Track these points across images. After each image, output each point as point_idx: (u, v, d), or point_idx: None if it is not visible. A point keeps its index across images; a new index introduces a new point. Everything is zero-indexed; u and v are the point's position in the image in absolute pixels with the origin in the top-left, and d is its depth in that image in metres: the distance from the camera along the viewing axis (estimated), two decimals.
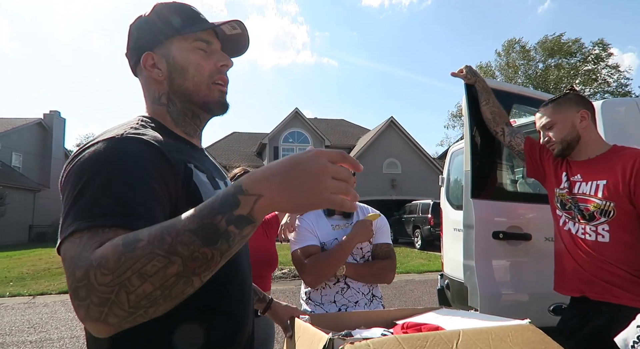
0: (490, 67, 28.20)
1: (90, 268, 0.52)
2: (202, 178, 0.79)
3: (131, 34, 0.86)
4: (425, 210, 13.49)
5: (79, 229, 0.58)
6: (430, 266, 9.24)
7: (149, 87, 0.86)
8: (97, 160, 0.65)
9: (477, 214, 1.96)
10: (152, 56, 0.83)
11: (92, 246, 0.55)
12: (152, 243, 0.52)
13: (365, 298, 1.79)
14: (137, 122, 0.79)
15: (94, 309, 0.51)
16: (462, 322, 1.17)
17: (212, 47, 0.87)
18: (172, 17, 0.84)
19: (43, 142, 24.26)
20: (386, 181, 20.45)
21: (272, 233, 2.06)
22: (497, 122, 1.98)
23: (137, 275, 0.51)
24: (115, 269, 0.51)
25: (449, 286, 3.54)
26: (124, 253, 0.52)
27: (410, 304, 5.81)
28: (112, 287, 0.51)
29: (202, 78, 0.84)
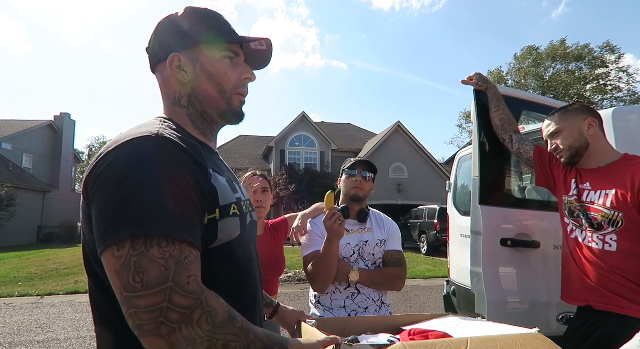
0: (501, 72, 28.08)
1: (199, 307, 0.61)
2: (221, 182, 0.80)
3: (158, 31, 0.87)
4: (431, 215, 13.42)
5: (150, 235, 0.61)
6: (436, 272, 9.18)
7: (169, 87, 0.87)
8: (140, 160, 0.65)
9: (484, 220, 1.95)
10: (179, 57, 0.83)
11: (189, 278, 0.62)
12: (242, 330, 0.66)
13: (375, 304, 1.79)
14: (160, 123, 0.78)
15: (178, 337, 0.59)
16: (470, 329, 1.17)
17: (238, 59, 0.89)
18: (205, 23, 0.85)
19: (53, 143, 24.57)
20: (392, 186, 20.38)
21: (280, 237, 2.07)
22: (506, 130, 1.97)
23: (223, 344, 0.63)
24: (218, 327, 0.63)
25: (455, 293, 3.52)
26: (228, 319, 0.65)
27: (416, 310, 5.78)
28: (203, 337, 0.61)
29: (227, 87, 0.86)
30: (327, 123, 27.43)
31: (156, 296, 0.59)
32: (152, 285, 0.59)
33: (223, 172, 0.85)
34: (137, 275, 0.59)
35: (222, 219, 0.76)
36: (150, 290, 0.59)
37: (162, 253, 0.61)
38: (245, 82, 0.89)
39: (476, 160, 2.03)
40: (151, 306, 0.59)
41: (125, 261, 0.60)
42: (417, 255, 12.93)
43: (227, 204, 0.78)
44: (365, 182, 1.84)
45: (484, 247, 1.92)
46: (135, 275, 0.59)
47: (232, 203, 0.80)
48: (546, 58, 26.00)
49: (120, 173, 0.64)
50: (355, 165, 1.85)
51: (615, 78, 24.81)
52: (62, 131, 24.85)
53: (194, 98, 0.86)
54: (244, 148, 24.73)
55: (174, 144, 0.71)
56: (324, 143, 22.15)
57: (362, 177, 1.82)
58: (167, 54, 0.84)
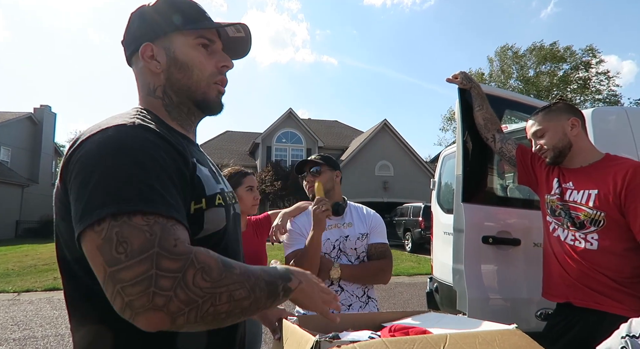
0: (482, 74, 28.44)
1: (191, 266, 0.57)
2: (204, 172, 0.78)
3: (131, 22, 0.84)
4: (416, 213, 13.55)
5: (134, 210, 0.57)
6: (420, 269, 9.27)
7: (144, 78, 0.84)
8: (118, 145, 0.63)
9: (467, 218, 1.97)
10: (152, 47, 0.81)
11: (177, 242, 0.58)
12: (244, 275, 0.63)
13: (360, 300, 1.78)
14: (136, 113, 0.76)
15: (177, 304, 0.54)
16: (450, 326, 1.17)
17: (214, 47, 0.86)
18: (177, 11, 0.82)
19: (33, 136, 23.94)
20: (378, 184, 20.50)
21: (263, 234, 2.05)
22: (489, 129, 1.99)
23: (228, 295, 0.59)
24: (216, 280, 0.59)
25: (438, 290, 3.55)
26: (225, 270, 0.61)
27: (399, 307, 5.83)
28: (205, 294, 0.57)
29: (202, 77, 0.83)
30: (314, 120, 27.39)
31: (142, 264, 0.54)
32: (136, 253, 0.55)
33: (205, 163, 0.84)
34: (121, 245, 0.55)
35: (209, 209, 0.75)
36: (135, 259, 0.54)
37: (146, 221, 0.57)
38: (223, 71, 0.86)
39: (460, 159, 2.05)
40: (138, 276, 0.54)
41: (107, 233, 0.56)
42: (402, 253, 13.04)
43: (212, 194, 0.77)
44: (318, 177, 1.80)
45: (466, 245, 1.94)
46: (118, 246, 0.55)
47: (217, 193, 0.79)
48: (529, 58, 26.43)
49: (97, 158, 0.61)
50: (301, 167, 1.85)
51: (597, 81, 25.41)
52: (43, 124, 24.23)
53: (169, 89, 0.83)
54: (230, 144, 24.53)
55: (151, 131, 0.69)
56: (311, 140, 22.12)
57: (312, 174, 1.81)
58: (139, 44, 0.82)
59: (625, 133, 2.13)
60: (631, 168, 1.47)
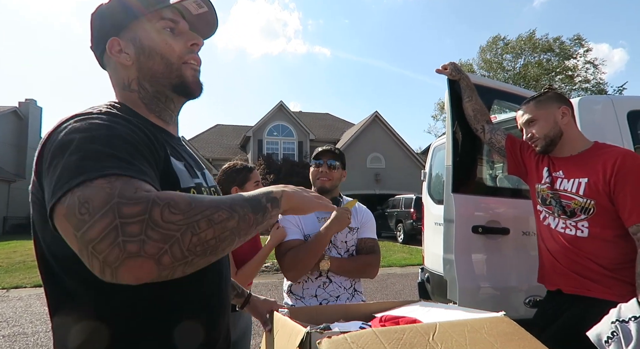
0: (470, 65, 28.53)
1: (154, 205, 0.54)
2: (179, 166, 0.77)
3: (93, 24, 0.83)
4: (408, 205, 13.65)
5: (95, 176, 0.55)
6: (412, 260, 9.37)
7: (117, 74, 0.83)
8: (85, 127, 0.62)
9: (457, 208, 1.98)
10: (118, 41, 0.80)
11: (137, 189, 0.56)
12: (215, 201, 0.61)
13: (347, 292, 1.79)
14: (109, 106, 0.75)
15: (153, 245, 0.52)
16: (439, 315, 1.19)
17: (180, 27, 0.84)
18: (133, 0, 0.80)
19: (19, 131, 23.49)
20: (370, 176, 20.56)
21: None
22: (478, 120, 2.00)
23: (206, 220, 0.57)
24: (187, 211, 0.56)
25: (429, 280, 3.59)
26: (192, 200, 0.58)
27: (392, 298, 5.89)
28: (180, 226, 0.54)
29: (172, 59, 0.81)
30: (305, 113, 27.31)
31: (105, 217, 0.52)
32: (98, 208, 0.52)
33: (182, 157, 0.82)
34: (83, 206, 0.53)
35: None
36: (98, 214, 0.52)
37: (107, 180, 0.55)
38: (194, 49, 0.84)
39: (449, 149, 2.06)
40: (104, 230, 0.51)
41: (70, 199, 0.54)
42: (394, 244, 13.15)
43: (186, 188, 0.76)
44: (332, 171, 1.82)
45: (457, 235, 1.96)
46: (81, 207, 0.53)
47: (191, 187, 0.78)
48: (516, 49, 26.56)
49: (64, 144, 0.60)
50: (321, 154, 1.84)
51: (583, 69, 25.65)
52: (29, 118, 23.78)
53: (143, 79, 0.82)
54: (220, 138, 24.36)
55: (120, 117, 0.68)
56: (303, 133, 22.07)
57: (328, 167, 1.81)
58: (105, 41, 0.80)
59: (611, 121, 2.16)
60: (620, 156, 1.49)
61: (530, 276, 1.97)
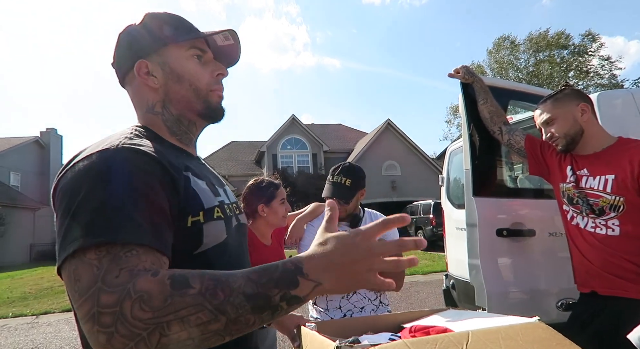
0: (481, 67, 28.34)
1: (127, 298, 0.52)
2: (201, 186, 0.78)
3: (120, 43, 0.85)
4: (426, 211, 13.49)
5: (88, 244, 0.56)
6: (435, 267, 9.20)
7: (141, 95, 0.85)
8: (96, 172, 0.62)
9: (479, 212, 1.94)
10: (147, 64, 0.81)
11: (121, 272, 0.54)
12: (204, 295, 0.53)
13: (372, 303, 1.78)
14: (131, 131, 0.77)
15: (119, 339, 0.51)
16: (471, 323, 1.16)
17: (207, 56, 0.86)
18: (165, 26, 0.83)
19: (41, 160, 24.25)
20: (386, 184, 20.44)
21: (282, 241, 2.05)
22: (495, 121, 1.97)
23: (179, 322, 0.52)
24: (159, 309, 0.51)
25: (455, 286, 3.52)
26: (171, 295, 0.53)
27: (417, 307, 5.78)
28: (148, 325, 0.51)
29: (200, 86, 0.83)
30: (317, 124, 27.46)
31: (88, 302, 0.53)
32: (84, 290, 0.54)
33: (204, 176, 0.83)
34: (76, 284, 0.55)
35: (207, 223, 0.74)
36: (83, 297, 0.53)
37: (97, 254, 0.55)
38: (219, 79, 0.87)
39: (467, 153, 2.03)
40: (86, 315, 0.53)
41: (68, 270, 0.56)
42: (415, 252, 12.95)
43: (210, 207, 0.76)
44: (342, 206, 1.79)
45: (481, 239, 1.92)
46: (75, 284, 0.55)
47: (215, 206, 0.78)
48: (526, 49, 26.28)
49: (74, 189, 0.61)
50: (328, 194, 1.79)
51: (599, 65, 25.16)
52: (50, 147, 24.55)
53: (169, 103, 0.83)
54: (235, 154, 24.65)
55: (135, 151, 0.68)
56: (316, 145, 22.16)
57: (338, 203, 1.80)
58: (133, 62, 0.82)
59: (632, 115, 2.10)
60: None
61: (561, 279, 1.91)
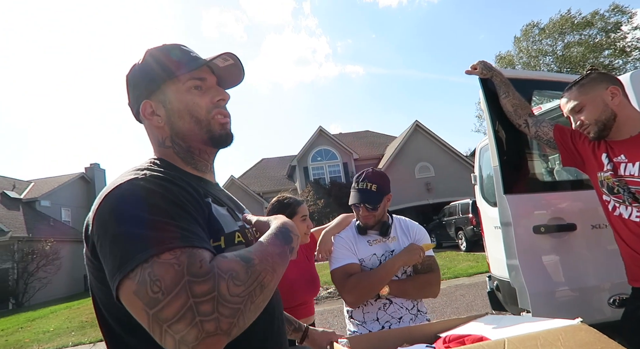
0: (511, 56, 27.45)
1: (220, 279, 0.57)
2: (221, 211, 0.80)
3: (128, 84, 0.88)
4: (465, 210, 13.07)
5: (161, 251, 0.58)
6: (480, 268, 8.87)
7: (152, 132, 0.88)
8: (137, 195, 0.65)
9: (512, 210, 1.87)
10: (150, 104, 0.84)
11: (201, 263, 0.58)
12: (263, 262, 0.64)
13: (410, 313, 1.74)
14: (149, 165, 0.80)
15: (226, 321, 0.55)
16: (509, 329, 1.11)
17: (207, 83, 0.87)
18: (162, 62, 0.84)
19: (87, 194, 25.65)
20: (420, 186, 20.05)
21: (311, 256, 2.04)
22: (520, 114, 1.90)
23: (260, 286, 0.61)
24: (246, 280, 0.60)
25: (499, 288, 3.37)
26: (248, 266, 0.61)
27: (463, 311, 5.57)
28: (243, 298, 0.58)
29: (200, 116, 0.85)
30: (345, 133, 27.48)
31: (179, 297, 0.54)
32: (170, 287, 0.55)
33: (224, 202, 0.85)
34: (155, 284, 0.55)
35: (228, 247, 0.75)
36: (171, 294, 0.54)
37: (173, 254, 0.58)
38: (220, 104, 0.88)
39: (494, 149, 1.97)
40: (180, 310, 0.54)
41: (140, 277, 0.56)
42: (457, 253, 12.57)
43: (231, 232, 0.78)
44: (371, 212, 1.79)
45: (517, 238, 1.84)
46: (152, 285, 0.55)
47: (236, 231, 0.80)
48: (553, 32, 25.20)
49: (116, 213, 0.63)
50: (357, 198, 1.79)
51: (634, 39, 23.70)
52: (94, 181, 25.95)
53: (176, 137, 0.86)
54: (267, 171, 25.04)
55: (162, 179, 0.71)
56: (346, 154, 22.15)
57: (366, 210, 1.79)
58: (140, 104, 0.85)
59: None
60: None
61: (611, 273, 1.79)
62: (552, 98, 2.46)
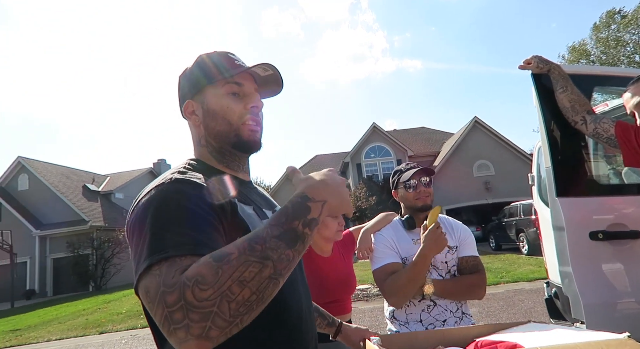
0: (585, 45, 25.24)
1: (185, 288, 0.57)
2: (247, 211, 0.84)
3: (179, 84, 0.98)
4: (527, 212, 12.31)
5: (153, 262, 0.63)
6: (542, 273, 8.32)
7: (192, 131, 0.97)
8: (155, 203, 0.72)
9: (566, 214, 1.76)
10: (192, 103, 0.93)
11: (175, 272, 0.61)
12: (245, 253, 0.60)
13: (454, 316, 1.69)
14: (184, 165, 0.88)
15: (196, 326, 0.56)
16: (548, 338, 1.06)
17: (244, 89, 0.93)
18: (210, 66, 0.92)
19: None
20: (479, 185, 19.18)
21: (348, 253, 2.05)
22: (577, 111, 1.78)
23: (237, 283, 0.58)
24: (215, 282, 0.57)
25: (558, 295, 3.17)
26: (219, 266, 0.59)
27: (520, 317, 5.29)
28: (214, 300, 0.57)
29: (232, 120, 0.91)
30: (400, 130, 26.99)
31: (159, 307, 0.58)
32: (153, 298, 0.60)
33: (251, 201, 0.89)
34: (147, 295, 0.61)
35: None
36: (154, 303, 0.59)
37: (159, 265, 0.62)
38: (253, 111, 0.93)
39: (547, 150, 1.86)
40: (161, 319, 0.58)
41: (142, 286, 0.63)
42: (518, 256, 11.89)
43: None
44: (428, 189, 1.79)
45: (570, 244, 1.73)
46: (146, 296, 0.62)
47: None
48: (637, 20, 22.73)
49: (139, 221, 0.71)
50: (413, 176, 1.80)
51: None
52: None
53: (209, 137, 0.93)
54: (321, 167, 24.72)
55: (186, 182, 0.77)
56: (400, 151, 21.74)
57: (423, 185, 1.78)
58: (183, 103, 0.94)
59: None
60: None
61: None
62: (616, 94, 2.27)
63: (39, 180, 22.07)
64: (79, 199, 22.54)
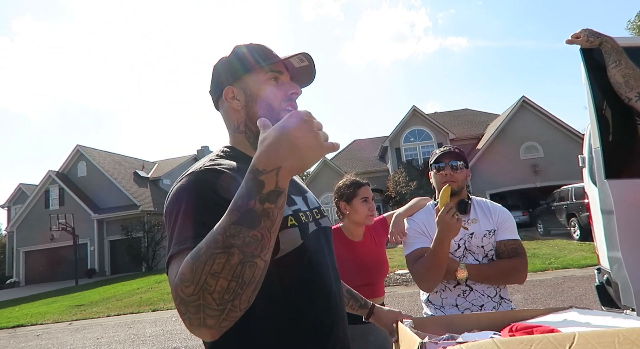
0: None
1: (176, 286, 0.64)
2: None
3: (214, 73, 1.02)
4: (579, 195, 11.62)
5: (174, 253, 0.71)
6: (594, 259, 7.90)
7: (229, 117, 1.00)
8: (181, 192, 0.79)
9: (615, 197, 1.66)
10: (232, 89, 0.96)
11: (176, 269, 0.68)
12: (210, 246, 0.62)
13: (493, 301, 1.65)
14: (218, 153, 0.93)
15: (194, 317, 0.62)
16: (590, 324, 1.02)
17: (282, 77, 0.97)
18: (249, 55, 0.96)
19: None
20: (526, 168, 18.29)
21: (381, 239, 2.06)
22: (632, 86, 1.66)
23: (210, 276, 0.61)
24: (193, 278, 0.61)
25: (610, 282, 3.01)
26: (193, 263, 0.62)
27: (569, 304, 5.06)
28: (197, 294, 0.61)
29: (274, 104, 0.94)
30: (441, 113, 26.16)
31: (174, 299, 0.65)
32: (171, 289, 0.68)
33: None
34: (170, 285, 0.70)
35: (281, 231, 0.83)
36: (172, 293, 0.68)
37: (174, 260, 0.70)
38: (293, 97, 0.96)
39: (595, 129, 1.76)
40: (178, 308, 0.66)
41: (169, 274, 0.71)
42: (569, 242, 11.32)
43: (284, 217, 0.84)
44: (456, 173, 1.73)
45: (619, 228, 1.64)
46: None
47: (289, 215, 0.87)
48: None
49: (169, 211, 0.78)
50: (442, 157, 1.76)
51: None
52: None
53: (249, 122, 0.96)
54: (359, 152, 25.12)
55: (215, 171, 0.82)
56: (441, 134, 21.11)
57: (452, 168, 1.73)
58: (222, 89, 0.97)
59: None
60: None
61: None
62: None
63: (95, 167, 23.74)
64: (130, 185, 23.99)
